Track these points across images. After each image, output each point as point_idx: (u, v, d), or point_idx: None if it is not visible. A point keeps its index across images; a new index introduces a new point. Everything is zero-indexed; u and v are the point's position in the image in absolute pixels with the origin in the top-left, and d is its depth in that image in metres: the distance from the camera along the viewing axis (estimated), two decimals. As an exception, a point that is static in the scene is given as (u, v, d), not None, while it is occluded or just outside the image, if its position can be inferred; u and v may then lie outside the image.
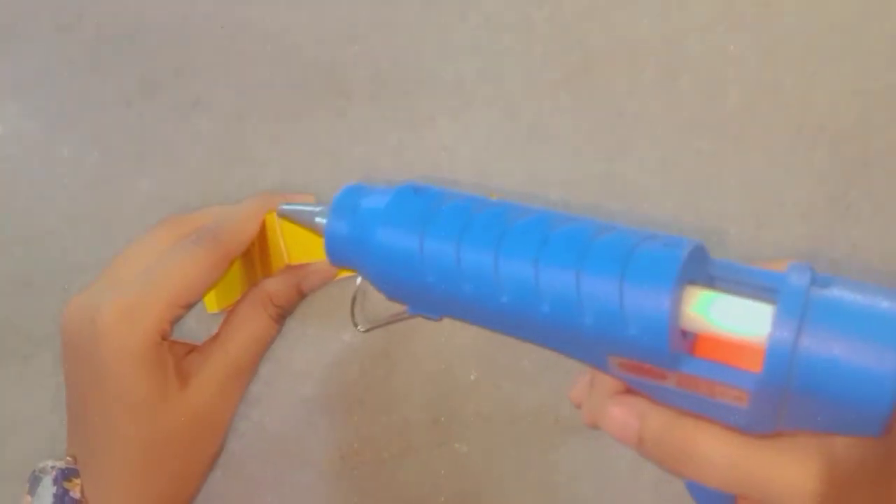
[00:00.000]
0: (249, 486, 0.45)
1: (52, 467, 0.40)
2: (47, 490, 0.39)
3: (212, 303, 0.45)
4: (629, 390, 0.31)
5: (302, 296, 0.44)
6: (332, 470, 0.44)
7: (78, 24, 0.49)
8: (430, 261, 0.30)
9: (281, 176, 0.47)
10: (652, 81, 0.44)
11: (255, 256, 0.43)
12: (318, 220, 0.34)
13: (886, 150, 0.42)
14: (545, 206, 0.44)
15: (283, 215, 0.37)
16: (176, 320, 0.40)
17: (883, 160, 0.42)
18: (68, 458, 0.40)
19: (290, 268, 0.42)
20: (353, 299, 0.43)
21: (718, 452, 0.29)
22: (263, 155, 0.47)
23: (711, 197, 0.43)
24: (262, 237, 0.42)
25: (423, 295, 0.32)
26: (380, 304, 0.42)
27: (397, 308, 0.33)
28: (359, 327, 0.43)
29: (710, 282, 0.29)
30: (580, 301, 0.27)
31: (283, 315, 0.44)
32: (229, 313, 0.43)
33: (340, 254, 0.33)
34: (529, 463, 0.43)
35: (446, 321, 0.33)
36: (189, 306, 0.40)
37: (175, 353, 0.41)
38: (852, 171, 0.42)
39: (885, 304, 0.25)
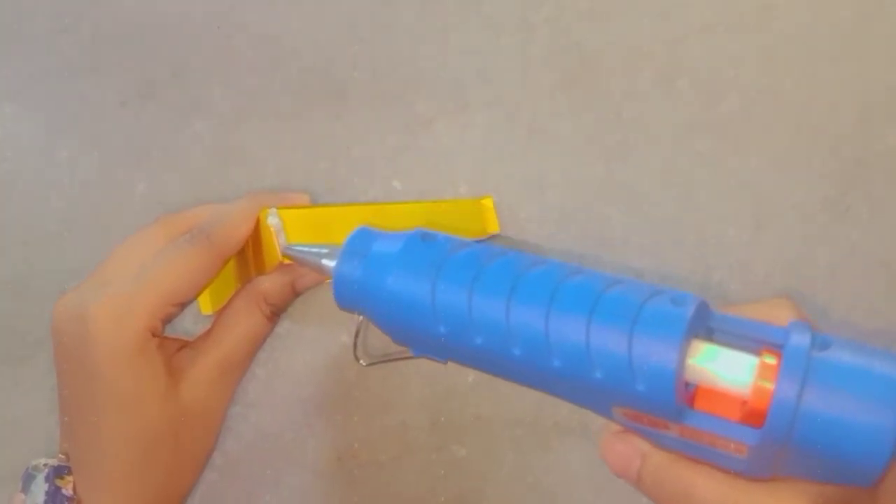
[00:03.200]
0: (247, 487, 0.45)
1: (45, 465, 0.40)
2: (40, 487, 0.39)
3: (206, 304, 0.45)
4: None
5: (296, 294, 0.43)
6: (329, 472, 0.44)
7: (75, 26, 0.49)
8: (442, 311, 0.30)
9: (278, 178, 0.47)
10: (651, 83, 0.44)
11: (248, 256, 0.43)
12: (324, 262, 0.34)
13: (886, 151, 0.42)
14: (543, 207, 0.44)
15: (288, 255, 0.37)
16: (168, 319, 0.40)
17: (882, 162, 0.42)
18: (60, 456, 0.40)
19: (283, 266, 0.42)
20: (357, 333, 0.42)
21: (715, 494, 0.29)
22: (261, 157, 0.47)
23: (710, 199, 0.43)
24: (255, 236, 0.42)
25: (432, 342, 0.32)
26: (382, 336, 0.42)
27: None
28: (361, 361, 0.42)
29: (710, 334, 0.30)
30: (590, 356, 0.28)
31: (276, 313, 0.44)
32: (222, 310, 0.43)
33: (349, 297, 0.33)
34: (528, 466, 0.43)
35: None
36: (182, 305, 0.40)
37: (166, 350, 0.41)
38: (851, 172, 0.42)
39: (879, 365, 0.27)
